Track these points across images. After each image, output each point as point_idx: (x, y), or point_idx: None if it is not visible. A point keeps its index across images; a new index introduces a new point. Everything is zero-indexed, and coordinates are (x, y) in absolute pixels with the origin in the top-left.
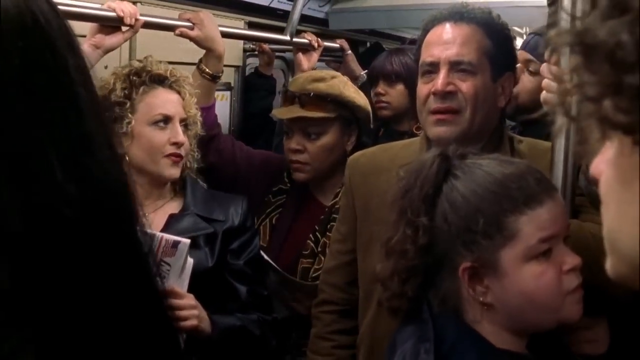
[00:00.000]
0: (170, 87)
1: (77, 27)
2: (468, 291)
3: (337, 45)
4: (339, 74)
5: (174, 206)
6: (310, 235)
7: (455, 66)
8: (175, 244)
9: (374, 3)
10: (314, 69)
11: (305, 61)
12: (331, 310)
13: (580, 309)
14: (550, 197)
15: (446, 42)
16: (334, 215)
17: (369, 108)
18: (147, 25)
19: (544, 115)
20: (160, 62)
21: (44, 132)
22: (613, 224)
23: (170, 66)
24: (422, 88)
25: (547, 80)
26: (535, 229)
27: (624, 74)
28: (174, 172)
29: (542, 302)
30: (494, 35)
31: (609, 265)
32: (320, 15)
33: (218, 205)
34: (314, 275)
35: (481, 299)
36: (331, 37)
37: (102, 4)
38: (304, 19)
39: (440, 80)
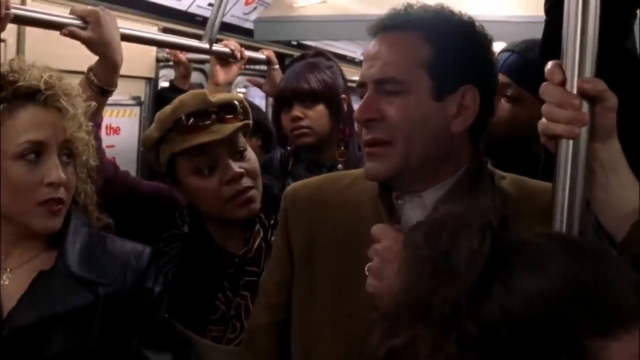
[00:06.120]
0: (45, 103)
1: None
2: None
3: (263, 57)
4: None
5: (47, 259)
6: (220, 295)
7: (379, 86)
8: None
9: (305, 13)
10: (229, 84)
11: (222, 74)
12: None
13: None
14: None
15: (372, 57)
16: (249, 268)
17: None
18: (22, 20)
19: (527, 152)
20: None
21: None
22: None
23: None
24: None
25: (549, 106)
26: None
27: None
28: (52, 225)
29: None
30: (441, 39)
31: None
32: (245, 25)
33: (105, 257)
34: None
35: None
36: (256, 49)
37: None
38: (226, 27)
39: (361, 104)
